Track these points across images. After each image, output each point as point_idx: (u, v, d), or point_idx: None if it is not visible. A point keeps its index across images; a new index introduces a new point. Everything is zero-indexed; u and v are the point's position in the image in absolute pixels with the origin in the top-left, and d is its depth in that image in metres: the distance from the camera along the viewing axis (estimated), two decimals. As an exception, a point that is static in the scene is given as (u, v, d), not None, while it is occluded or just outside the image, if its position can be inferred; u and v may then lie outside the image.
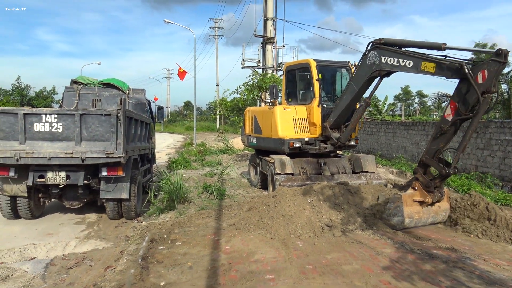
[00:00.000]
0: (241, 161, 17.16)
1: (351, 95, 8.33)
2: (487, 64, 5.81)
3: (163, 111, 12.69)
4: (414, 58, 6.68)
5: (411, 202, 6.66)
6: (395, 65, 7.05)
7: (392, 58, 7.08)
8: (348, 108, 8.69)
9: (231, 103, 28.57)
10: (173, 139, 37.79)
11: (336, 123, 9.07)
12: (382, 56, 7.27)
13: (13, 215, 7.77)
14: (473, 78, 5.86)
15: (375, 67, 7.47)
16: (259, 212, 6.77)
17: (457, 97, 6.23)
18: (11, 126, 6.83)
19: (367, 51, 7.63)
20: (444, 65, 6.27)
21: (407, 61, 6.79)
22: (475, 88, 5.81)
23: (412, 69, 6.71)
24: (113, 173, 7.19)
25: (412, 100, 63.09)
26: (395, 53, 7.02)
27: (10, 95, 33.92)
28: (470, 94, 5.99)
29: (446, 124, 6.34)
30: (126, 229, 7.42)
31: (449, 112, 6.33)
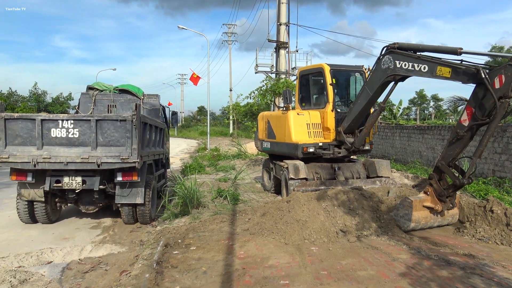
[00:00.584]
0: (254, 166, 17.17)
1: (365, 100, 8.28)
2: (504, 68, 5.71)
3: (177, 117, 12.78)
4: (429, 62, 6.62)
5: (420, 207, 6.63)
6: (410, 70, 6.99)
7: (407, 62, 7.02)
8: (363, 113, 8.64)
9: (244, 108, 28.64)
10: (186, 144, 38.02)
11: (350, 127, 9.02)
12: (396, 60, 7.22)
13: (30, 219, 7.89)
14: (490, 83, 5.77)
15: (389, 72, 7.42)
16: (273, 217, 6.76)
17: (473, 102, 6.14)
18: (28, 132, 6.95)
19: (381, 56, 7.59)
20: (460, 69, 6.19)
21: (422, 66, 6.73)
22: (492, 93, 5.72)
23: (427, 74, 6.64)
24: (128, 178, 7.26)
25: (427, 104, 62.45)
26: (410, 57, 6.97)
27: (27, 101, 34.55)
28: (487, 99, 5.90)
29: (462, 130, 6.25)
30: (141, 234, 7.47)
31: (465, 117, 6.24)
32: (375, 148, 19.51)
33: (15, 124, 6.94)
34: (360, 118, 8.84)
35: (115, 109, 10.17)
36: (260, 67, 25.63)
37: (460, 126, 6.32)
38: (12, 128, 6.93)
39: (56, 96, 37.13)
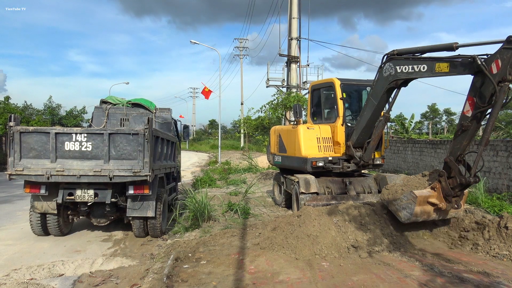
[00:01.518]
0: (265, 179, 17.14)
1: (371, 111, 8.29)
2: (499, 53, 5.74)
3: (188, 130, 12.88)
4: (427, 61, 6.72)
5: (424, 202, 6.54)
6: (410, 72, 7.09)
7: (406, 66, 7.14)
8: (370, 125, 8.62)
9: (255, 121, 28.76)
10: (198, 157, 38.16)
11: (359, 141, 8.99)
12: (397, 66, 7.32)
13: (42, 231, 7.96)
14: (487, 69, 5.79)
15: (391, 78, 7.51)
16: (283, 232, 6.73)
17: (473, 91, 6.14)
18: (43, 145, 7.06)
19: (382, 64, 7.69)
20: (457, 62, 6.26)
21: (421, 66, 6.83)
22: (490, 78, 5.74)
23: (427, 73, 6.74)
24: (139, 191, 7.31)
25: (439, 118, 61.96)
26: (409, 60, 7.08)
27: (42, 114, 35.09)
28: (486, 85, 5.90)
29: (466, 120, 6.21)
30: (152, 247, 7.48)
31: (468, 108, 6.21)
32: (386, 162, 19.36)
33: (30, 137, 7.05)
34: (368, 131, 8.81)
35: (128, 123, 10.29)
36: (271, 81, 25.77)
37: (464, 117, 6.28)
38: (27, 141, 7.05)
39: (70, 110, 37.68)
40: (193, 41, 28.28)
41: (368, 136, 8.94)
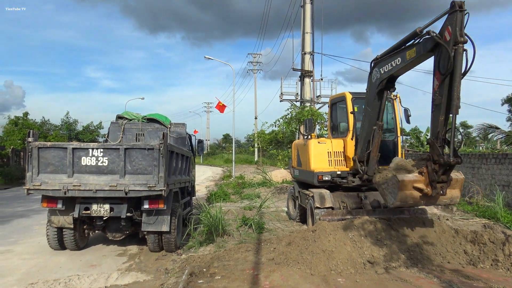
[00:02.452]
0: (279, 194, 17.07)
1: (368, 119, 8.34)
2: (448, 19, 5.91)
3: (203, 145, 12.95)
4: (400, 53, 7.03)
5: (410, 187, 6.33)
6: (390, 69, 7.36)
7: (387, 64, 7.43)
8: (370, 135, 8.56)
9: (269, 136, 28.75)
10: (212, 171, 38.25)
11: (363, 154, 8.95)
12: (380, 68, 7.61)
13: (59, 246, 8.03)
14: (441, 38, 5.94)
15: (378, 81, 7.73)
16: (298, 247, 6.67)
17: (436, 66, 6.20)
18: (60, 160, 7.17)
19: (371, 71, 7.97)
20: (420, 43, 6.48)
21: (396, 60, 7.12)
22: (444, 45, 5.86)
23: (402, 64, 6.99)
24: (154, 206, 7.35)
25: (456, 131, 61.13)
26: (387, 59, 7.37)
27: (59, 130, 35.62)
28: (444, 54, 5.97)
29: (437, 94, 6.19)
30: (166, 262, 7.49)
31: (436, 83, 6.24)
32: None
33: (48, 152, 7.18)
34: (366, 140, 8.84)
35: (143, 138, 10.41)
36: (285, 95, 25.85)
37: (434, 93, 6.27)
38: (44, 156, 7.17)
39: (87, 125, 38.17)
40: (207, 57, 28.59)
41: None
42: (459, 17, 5.81)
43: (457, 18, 5.80)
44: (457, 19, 5.80)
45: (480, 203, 12.44)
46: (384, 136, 9.93)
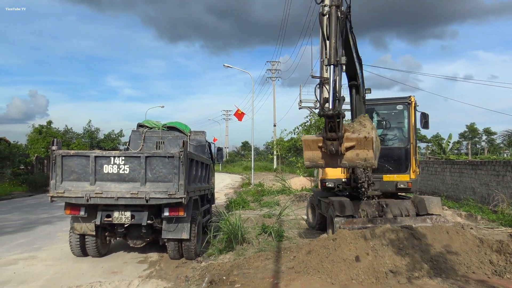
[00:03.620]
0: (299, 201, 16.98)
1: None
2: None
3: (222, 152, 13.01)
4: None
5: (314, 146, 6.07)
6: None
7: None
8: None
9: (288, 143, 28.70)
10: (231, 179, 38.34)
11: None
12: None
13: (81, 252, 8.15)
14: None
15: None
16: (318, 255, 6.60)
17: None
18: (83, 168, 7.30)
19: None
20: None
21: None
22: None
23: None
24: (174, 213, 7.39)
25: (479, 138, 59.94)
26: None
27: (81, 138, 36.33)
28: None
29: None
30: (186, 269, 7.51)
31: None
32: (424, 184, 18.82)
33: (71, 160, 7.32)
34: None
35: (163, 146, 10.52)
36: (303, 102, 25.82)
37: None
38: (68, 164, 7.32)
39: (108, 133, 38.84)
40: (226, 65, 28.79)
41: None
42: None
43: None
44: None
45: (505, 212, 12.12)
46: (394, 143, 9.87)
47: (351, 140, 5.96)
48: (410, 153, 9.36)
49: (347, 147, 5.95)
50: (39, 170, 28.07)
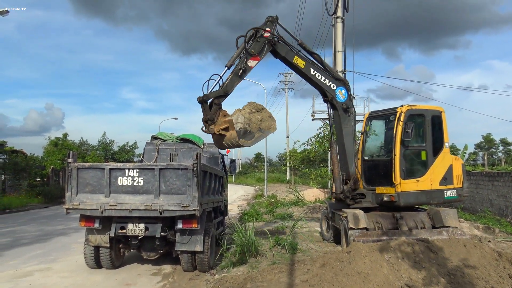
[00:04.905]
0: (312, 213, 16.87)
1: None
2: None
3: (235, 164, 13.03)
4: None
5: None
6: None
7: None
8: (343, 153, 9.44)
9: (301, 154, 28.63)
10: (244, 190, 38.29)
11: (343, 171, 9.53)
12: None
13: (95, 264, 8.19)
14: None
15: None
16: (333, 269, 6.53)
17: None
18: (98, 180, 7.38)
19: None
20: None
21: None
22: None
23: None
24: (188, 225, 7.40)
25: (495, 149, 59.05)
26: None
27: (96, 150, 36.77)
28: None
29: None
30: (200, 282, 7.49)
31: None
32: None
33: (86, 173, 7.41)
34: (344, 159, 9.47)
35: (177, 158, 10.58)
36: (316, 114, 25.76)
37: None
38: (83, 176, 7.40)
39: (123, 145, 39.23)
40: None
41: (347, 165, 9.43)
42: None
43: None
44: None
45: (524, 224, 11.86)
46: (382, 155, 9.87)
47: (224, 122, 7.35)
48: (393, 165, 9.14)
49: (222, 128, 7.31)
50: (55, 182, 28.43)
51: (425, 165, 9.32)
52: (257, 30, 8.27)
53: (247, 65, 8.20)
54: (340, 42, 22.17)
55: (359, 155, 9.78)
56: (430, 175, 9.21)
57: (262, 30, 8.29)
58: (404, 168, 9.10)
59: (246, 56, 8.17)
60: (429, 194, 9.21)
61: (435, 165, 9.26)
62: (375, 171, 9.85)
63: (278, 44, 8.53)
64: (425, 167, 9.29)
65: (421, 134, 9.61)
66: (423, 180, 9.17)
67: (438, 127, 9.53)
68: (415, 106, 9.50)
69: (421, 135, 9.59)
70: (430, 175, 9.20)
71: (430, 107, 9.87)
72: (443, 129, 9.51)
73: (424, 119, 9.46)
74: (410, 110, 9.31)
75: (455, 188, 9.38)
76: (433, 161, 9.27)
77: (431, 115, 9.48)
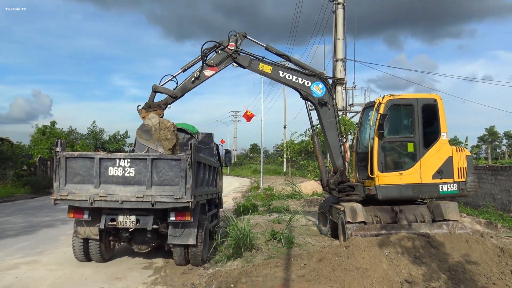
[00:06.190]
0: (310, 206, 16.94)
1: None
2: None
3: (230, 155, 13.02)
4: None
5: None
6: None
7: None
8: (328, 146, 9.80)
9: (299, 146, 28.62)
10: (239, 182, 38.36)
11: (334, 165, 9.79)
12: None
13: (84, 257, 8.18)
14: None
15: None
16: (330, 264, 6.56)
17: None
18: (87, 170, 7.34)
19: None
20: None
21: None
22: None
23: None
24: (181, 218, 7.40)
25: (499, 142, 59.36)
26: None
27: (86, 139, 36.57)
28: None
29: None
30: (193, 276, 7.51)
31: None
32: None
33: (75, 162, 7.36)
34: (330, 151, 9.81)
35: (170, 148, 10.51)
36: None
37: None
38: (72, 166, 7.36)
39: (113, 134, 39.01)
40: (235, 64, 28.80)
41: (334, 157, 9.73)
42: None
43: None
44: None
45: (528, 220, 11.95)
46: (367, 147, 9.88)
47: (147, 113, 8.74)
48: (371, 157, 9.17)
49: (143, 117, 8.73)
50: (42, 172, 28.33)
51: (413, 158, 9.18)
52: (219, 44, 9.05)
53: (202, 74, 9.01)
54: (340, 29, 22.11)
55: (355, 146, 9.86)
56: (419, 168, 9.08)
57: (223, 46, 9.09)
58: (382, 161, 9.05)
59: (203, 66, 8.97)
60: (418, 188, 9.08)
61: (427, 157, 9.09)
62: (364, 164, 9.87)
63: (240, 57, 9.24)
64: (414, 159, 9.16)
65: (409, 125, 9.50)
66: (410, 173, 9.06)
67: (432, 116, 9.32)
68: (399, 96, 9.36)
69: (410, 125, 9.47)
70: (419, 168, 9.08)
71: (421, 96, 9.62)
72: (439, 118, 9.27)
73: (413, 108, 9.28)
74: (392, 100, 9.19)
75: (455, 182, 9.25)
76: (424, 153, 9.11)
77: (422, 104, 9.27)
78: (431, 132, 9.31)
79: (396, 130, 9.70)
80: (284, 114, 50.86)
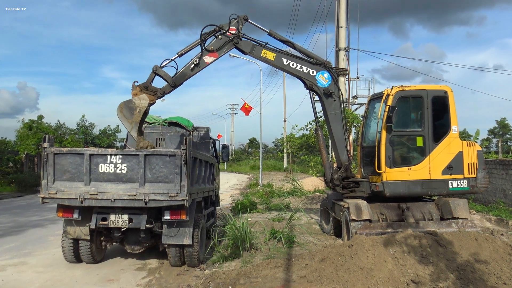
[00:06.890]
0: (311, 204, 16.99)
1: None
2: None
3: (227, 150, 13.02)
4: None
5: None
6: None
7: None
8: (332, 140, 9.83)
9: (299, 140, 28.65)
10: (237, 179, 38.40)
11: (337, 160, 9.88)
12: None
13: (75, 258, 8.19)
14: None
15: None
16: (333, 264, 6.59)
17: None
18: (77, 167, 7.33)
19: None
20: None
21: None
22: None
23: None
24: (176, 217, 7.41)
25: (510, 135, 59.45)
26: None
27: (75, 134, 36.48)
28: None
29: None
30: (188, 278, 7.53)
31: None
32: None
33: (64, 159, 7.36)
34: (334, 146, 9.84)
35: (164, 143, 10.53)
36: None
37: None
38: (60, 163, 7.35)
39: (104, 129, 38.87)
40: (232, 55, 28.73)
41: (338, 153, 9.73)
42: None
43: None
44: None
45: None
46: (373, 141, 9.91)
47: (139, 93, 8.65)
48: (378, 152, 9.19)
49: (134, 94, 8.60)
50: (29, 169, 28.30)
51: (422, 152, 9.25)
52: (219, 28, 8.85)
53: (202, 60, 8.83)
54: (343, 17, 22.05)
55: (359, 140, 9.87)
56: (429, 163, 9.14)
57: (223, 30, 8.90)
58: (390, 156, 9.08)
59: (202, 52, 8.78)
60: (427, 184, 9.13)
61: (436, 152, 9.14)
62: (370, 158, 9.89)
63: (242, 42, 9.02)
64: (422, 154, 9.22)
65: (418, 118, 9.53)
66: (419, 169, 9.12)
67: (442, 109, 9.34)
68: (408, 87, 9.37)
69: (419, 118, 9.50)
70: (428, 163, 9.14)
71: (430, 87, 9.60)
72: (450, 111, 9.29)
73: (423, 100, 9.30)
74: (401, 92, 9.20)
75: (465, 178, 9.29)
76: (434, 147, 9.15)
77: (431, 96, 9.28)
78: (441, 126, 9.30)
79: (405, 123, 9.71)
80: (284, 107, 50.93)
